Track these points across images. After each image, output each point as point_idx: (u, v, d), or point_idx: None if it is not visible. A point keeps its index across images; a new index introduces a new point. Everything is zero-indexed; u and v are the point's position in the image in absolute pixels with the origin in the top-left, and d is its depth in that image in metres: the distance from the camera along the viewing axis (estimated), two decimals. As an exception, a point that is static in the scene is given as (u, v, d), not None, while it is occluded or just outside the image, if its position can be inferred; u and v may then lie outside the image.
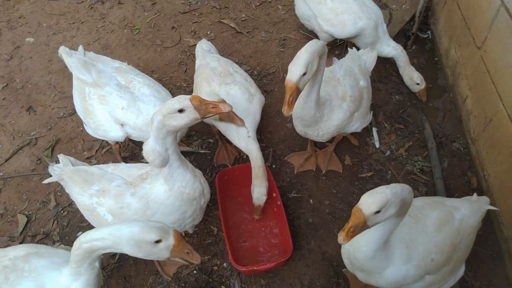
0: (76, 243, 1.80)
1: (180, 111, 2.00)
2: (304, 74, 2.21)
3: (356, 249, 2.05)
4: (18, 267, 1.97)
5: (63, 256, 2.08)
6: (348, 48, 3.31)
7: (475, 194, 2.58)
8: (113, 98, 2.82)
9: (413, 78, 3.70)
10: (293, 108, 2.31)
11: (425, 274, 2.18)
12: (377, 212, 1.75)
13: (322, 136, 2.93)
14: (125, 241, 1.73)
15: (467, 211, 2.32)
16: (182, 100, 2.00)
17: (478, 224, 2.37)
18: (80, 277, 1.91)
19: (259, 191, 2.82)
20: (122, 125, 2.86)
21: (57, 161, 2.54)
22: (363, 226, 1.77)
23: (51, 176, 2.52)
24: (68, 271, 1.92)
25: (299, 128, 2.92)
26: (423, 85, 3.70)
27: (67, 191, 2.52)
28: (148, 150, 2.10)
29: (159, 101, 2.83)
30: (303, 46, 2.19)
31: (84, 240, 1.78)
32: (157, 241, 1.74)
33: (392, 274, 2.12)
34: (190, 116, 2.02)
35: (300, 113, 2.69)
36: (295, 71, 2.21)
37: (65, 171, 2.42)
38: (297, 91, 2.26)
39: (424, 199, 2.45)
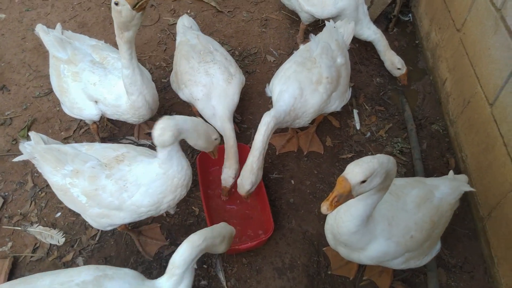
0: (187, 246, 1.91)
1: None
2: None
3: (340, 224, 2.06)
4: None
5: (133, 276, 1.96)
6: (326, 21, 3.26)
7: (451, 172, 2.63)
8: (86, 74, 2.77)
9: (394, 63, 3.72)
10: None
11: (405, 251, 2.22)
12: (363, 181, 1.73)
13: (304, 124, 2.96)
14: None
15: (447, 189, 2.37)
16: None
17: (456, 202, 2.43)
18: (183, 281, 1.93)
19: (226, 173, 2.84)
20: (96, 102, 2.81)
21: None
22: (348, 195, 1.75)
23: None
24: (171, 281, 1.91)
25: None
26: (404, 70, 3.72)
27: (39, 170, 2.44)
28: (172, 125, 2.06)
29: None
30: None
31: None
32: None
33: (374, 250, 2.15)
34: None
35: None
36: (242, 189, 2.67)
37: (37, 149, 2.31)
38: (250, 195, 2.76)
39: (404, 179, 2.48)
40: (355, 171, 1.73)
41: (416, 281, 2.74)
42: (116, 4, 2.14)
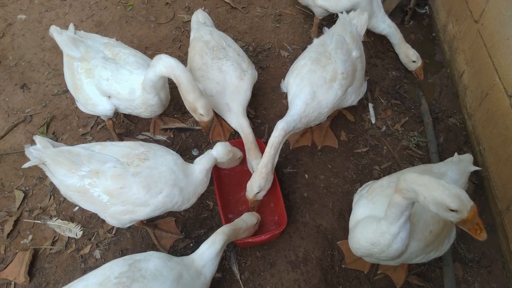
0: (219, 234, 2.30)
1: None
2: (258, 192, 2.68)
3: (389, 251, 2.06)
4: (135, 277, 1.93)
5: (158, 255, 2.11)
6: (339, 14, 3.22)
7: (456, 154, 2.60)
8: (98, 70, 2.83)
9: (409, 55, 3.65)
10: None
11: (426, 247, 2.20)
12: None
13: (319, 122, 2.95)
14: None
15: (455, 174, 2.36)
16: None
17: (466, 185, 2.42)
18: (217, 255, 2.26)
19: (257, 163, 2.84)
20: (109, 97, 2.87)
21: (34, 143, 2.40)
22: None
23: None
24: (214, 246, 2.23)
25: None
26: (419, 63, 3.65)
27: (48, 174, 2.40)
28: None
29: (143, 68, 2.83)
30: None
31: None
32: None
33: (404, 256, 2.17)
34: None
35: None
36: (250, 191, 2.69)
37: (47, 154, 2.30)
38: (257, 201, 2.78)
39: (412, 169, 2.48)
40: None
41: (432, 275, 2.70)
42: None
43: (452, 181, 2.31)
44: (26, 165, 2.38)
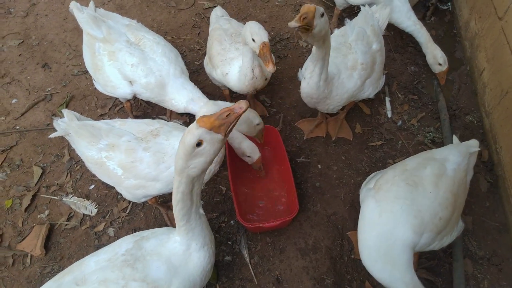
0: (176, 199, 1.77)
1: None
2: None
3: None
4: (138, 256, 1.92)
5: (163, 232, 2.06)
6: (361, 6, 3.21)
7: (455, 137, 2.67)
8: (122, 54, 2.84)
9: (436, 57, 3.49)
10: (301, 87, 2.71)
11: (438, 234, 2.23)
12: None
13: (333, 110, 2.95)
14: None
15: (456, 157, 2.39)
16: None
17: (472, 171, 2.46)
18: (193, 233, 1.92)
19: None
20: (130, 82, 2.89)
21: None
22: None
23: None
24: (181, 236, 1.93)
25: (309, 104, 2.92)
26: (445, 67, 3.48)
27: (72, 145, 2.54)
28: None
29: (170, 63, 2.87)
30: None
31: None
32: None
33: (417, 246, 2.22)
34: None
35: (308, 92, 2.72)
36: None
37: (71, 126, 2.42)
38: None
39: (415, 158, 2.50)
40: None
41: (441, 270, 2.70)
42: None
43: (455, 164, 2.35)
44: (52, 135, 2.55)
